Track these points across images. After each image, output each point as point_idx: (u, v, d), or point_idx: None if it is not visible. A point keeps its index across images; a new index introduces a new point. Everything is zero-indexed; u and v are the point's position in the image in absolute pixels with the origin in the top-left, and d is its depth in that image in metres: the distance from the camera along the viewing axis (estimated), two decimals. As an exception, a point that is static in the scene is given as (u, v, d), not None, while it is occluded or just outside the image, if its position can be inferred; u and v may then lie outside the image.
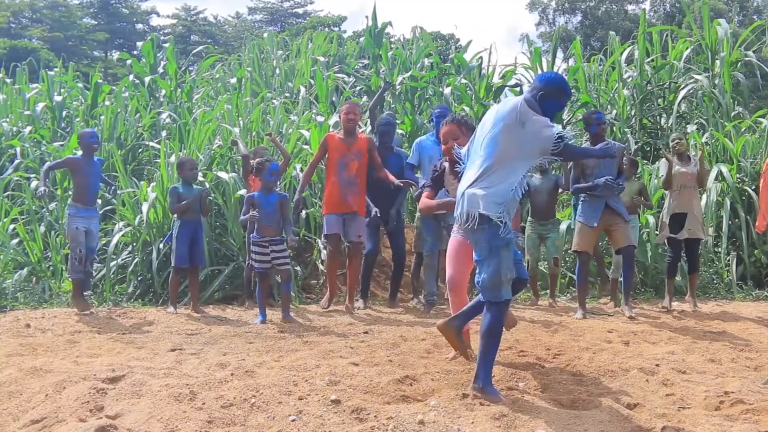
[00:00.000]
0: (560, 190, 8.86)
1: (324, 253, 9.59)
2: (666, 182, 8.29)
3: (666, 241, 8.52)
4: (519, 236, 7.99)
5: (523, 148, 3.94)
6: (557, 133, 3.86)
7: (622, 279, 7.83)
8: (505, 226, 3.91)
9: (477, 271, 4.07)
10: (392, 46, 17.52)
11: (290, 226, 7.39)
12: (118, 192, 10.04)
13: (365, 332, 6.36)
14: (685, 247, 8.42)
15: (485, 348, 3.95)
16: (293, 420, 3.42)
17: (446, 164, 5.17)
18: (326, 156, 8.04)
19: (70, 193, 8.50)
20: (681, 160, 8.34)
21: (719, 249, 10.18)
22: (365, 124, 12.09)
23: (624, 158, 8.14)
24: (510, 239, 3.96)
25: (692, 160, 8.37)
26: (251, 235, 7.53)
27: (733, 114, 12.53)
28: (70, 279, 8.00)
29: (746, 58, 13.37)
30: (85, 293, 8.01)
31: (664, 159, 8.48)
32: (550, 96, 4.10)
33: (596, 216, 7.51)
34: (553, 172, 9.08)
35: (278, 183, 7.81)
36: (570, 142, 4.08)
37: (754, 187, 10.27)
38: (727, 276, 9.89)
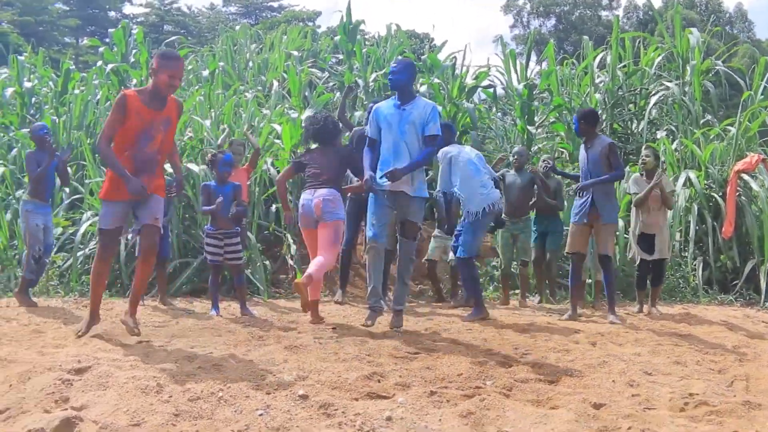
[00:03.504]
0: (535, 187, 8.91)
1: (294, 247, 9.54)
2: (640, 201, 8.25)
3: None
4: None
5: None
6: None
7: (604, 285, 7.92)
8: None
9: None
10: (366, 43, 17.48)
11: (241, 207, 7.58)
12: (85, 182, 9.92)
13: (333, 328, 6.34)
14: (652, 265, 8.48)
15: None
16: (261, 414, 3.40)
17: None
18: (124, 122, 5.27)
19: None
20: (649, 177, 8.31)
21: (686, 254, 10.31)
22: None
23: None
24: None
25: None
26: (206, 227, 7.52)
27: (702, 122, 12.70)
28: (23, 277, 7.81)
29: (716, 68, 13.55)
30: (30, 289, 7.87)
31: (637, 175, 8.50)
32: None
33: (583, 213, 7.57)
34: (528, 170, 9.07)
35: (231, 173, 7.68)
36: None
37: (721, 193, 10.41)
38: (694, 280, 10.01)
